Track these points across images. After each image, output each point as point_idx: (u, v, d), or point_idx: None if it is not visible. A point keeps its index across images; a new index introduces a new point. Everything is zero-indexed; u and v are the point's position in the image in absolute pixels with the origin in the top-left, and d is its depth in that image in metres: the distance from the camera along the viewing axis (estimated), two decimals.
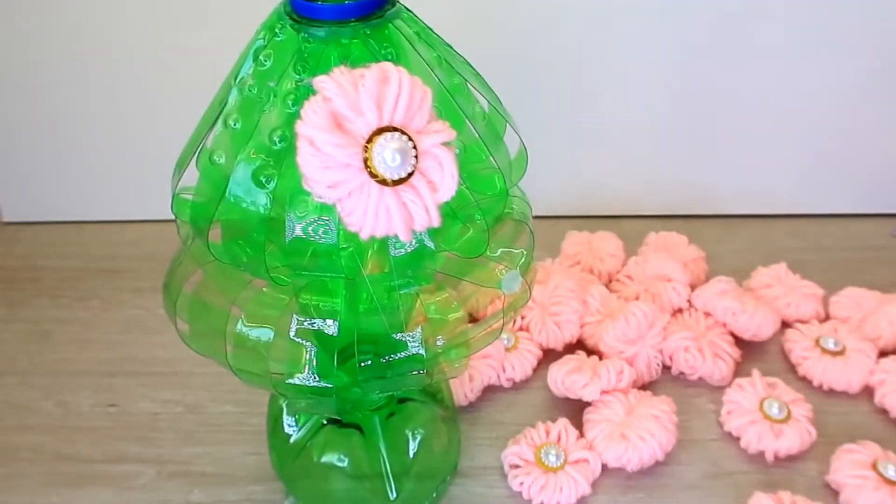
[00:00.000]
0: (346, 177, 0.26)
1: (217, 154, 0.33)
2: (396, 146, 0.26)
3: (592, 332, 0.56)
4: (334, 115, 0.26)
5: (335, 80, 0.26)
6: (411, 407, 0.45)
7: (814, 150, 0.66)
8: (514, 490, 0.47)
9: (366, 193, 0.26)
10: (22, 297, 0.62)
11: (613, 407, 0.50)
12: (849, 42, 0.61)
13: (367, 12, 0.31)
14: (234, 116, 0.33)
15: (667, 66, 0.62)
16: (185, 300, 0.36)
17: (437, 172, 0.27)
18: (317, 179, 0.26)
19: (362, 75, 0.26)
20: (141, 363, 0.56)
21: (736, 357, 0.55)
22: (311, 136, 0.26)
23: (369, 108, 0.26)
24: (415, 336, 0.35)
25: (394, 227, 0.27)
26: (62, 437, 0.51)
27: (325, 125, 0.26)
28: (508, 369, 0.54)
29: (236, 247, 0.34)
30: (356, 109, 0.26)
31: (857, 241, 0.66)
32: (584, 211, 0.67)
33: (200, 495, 0.48)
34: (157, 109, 0.64)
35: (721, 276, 0.58)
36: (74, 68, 0.62)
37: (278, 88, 0.31)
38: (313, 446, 0.44)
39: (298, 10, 0.31)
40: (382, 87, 0.26)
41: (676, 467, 0.49)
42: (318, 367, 0.35)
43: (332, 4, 0.30)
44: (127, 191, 0.68)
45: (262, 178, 0.31)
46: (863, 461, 0.47)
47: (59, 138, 0.66)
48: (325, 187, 0.26)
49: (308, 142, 0.26)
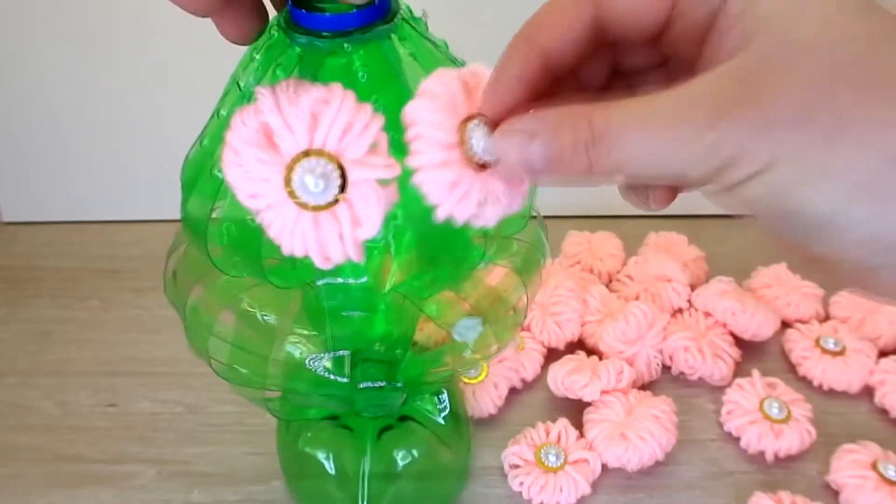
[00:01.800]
0: (264, 191, 0.25)
1: (217, 168, 0.33)
2: (319, 172, 0.25)
3: (592, 332, 0.56)
4: (265, 127, 0.25)
5: (274, 93, 0.25)
6: (409, 426, 0.44)
7: None
8: (514, 490, 0.47)
9: (283, 212, 0.25)
10: (22, 297, 0.62)
11: (613, 407, 0.50)
12: None
13: (366, 22, 0.30)
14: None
15: None
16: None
17: (364, 207, 0.25)
18: (238, 187, 0.26)
19: (306, 92, 0.25)
20: (141, 363, 0.56)
21: (736, 357, 0.55)
22: (237, 146, 0.25)
23: (300, 128, 0.25)
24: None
25: (309, 251, 0.26)
26: (62, 437, 0.51)
27: (252, 138, 0.25)
28: (521, 370, 0.54)
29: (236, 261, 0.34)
30: (287, 127, 0.25)
31: None
32: (584, 211, 0.67)
33: (200, 495, 0.48)
34: (158, 109, 0.64)
35: (721, 276, 0.58)
36: (75, 68, 0.62)
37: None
38: (307, 437, 0.44)
39: (298, 21, 0.31)
40: (322, 107, 0.25)
41: (676, 467, 0.49)
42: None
43: (333, 14, 0.30)
44: (127, 191, 0.68)
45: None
46: (863, 461, 0.47)
47: (59, 138, 0.66)
48: (246, 196, 0.26)
49: (233, 151, 0.26)
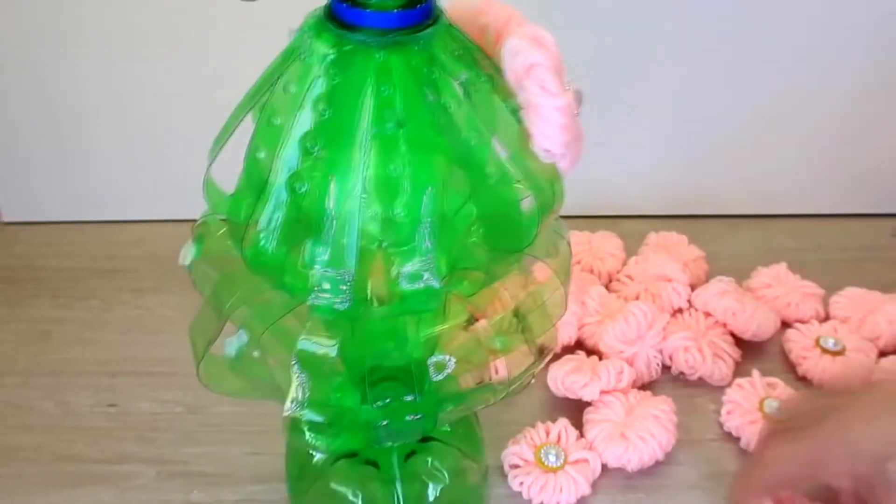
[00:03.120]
0: None
1: (259, 151, 0.33)
2: None
3: (592, 332, 0.56)
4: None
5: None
6: (434, 447, 0.44)
7: (814, 150, 0.66)
8: (514, 490, 0.47)
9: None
10: (22, 297, 0.62)
11: (613, 407, 0.50)
12: (848, 42, 0.61)
13: (410, 23, 0.30)
14: (277, 115, 0.32)
15: (667, 67, 0.62)
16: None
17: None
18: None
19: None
20: (141, 363, 0.56)
21: (736, 357, 0.55)
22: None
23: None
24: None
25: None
26: (62, 437, 0.51)
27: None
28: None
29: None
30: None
31: (857, 241, 0.66)
32: (584, 211, 0.67)
33: (200, 495, 0.48)
34: (158, 110, 0.64)
35: (721, 276, 0.58)
36: (74, 68, 0.62)
37: (309, 93, 0.31)
38: (331, 474, 0.43)
39: (340, 15, 0.31)
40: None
41: (676, 467, 0.49)
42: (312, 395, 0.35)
43: (374, 11, 0.30)
44: (127, 191, 0.68)
45: (296, 184, 0.31)
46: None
47: (59, 138, 0.66)
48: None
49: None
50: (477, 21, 0.34)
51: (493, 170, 0.33)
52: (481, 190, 0.33)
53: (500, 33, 0.33)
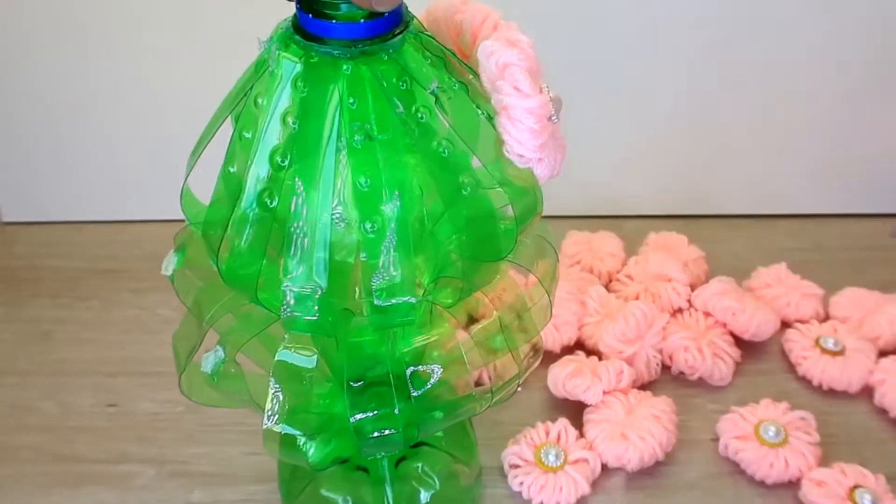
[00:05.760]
0: None
1: (231, 164, 0.32)
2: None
3: (592, 332, 0.55)
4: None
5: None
6: (425, 452, 0.43)
7: (813, 150, 0.66)
8: (513, 490, 0.47)
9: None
10: (22, 297, 0.62)
11: (613, 407, 0.50)
12: (848, 42, 0.61)
13: (377, 32, 0.30)
14: (247, 128, 0.32)
15: (667, 68, 0.62)
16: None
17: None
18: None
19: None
20: (141, 363, 0.56)
21: (736, 357, 0.55)
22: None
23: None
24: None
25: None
26: (62, 437, 0.51)
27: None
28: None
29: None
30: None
31: (857, 241, 0.66)
32: (584, 211, 0.67)
33: (200, 495, 0.48)
34: (158, 110, 0.64)
35: (721, 276, 0.58)
36: (75, 68, 0.62)
37: (277, 106, 0.31)
38: (322, 478, 0.43)
39: (306, 27, 0.30)
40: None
41: (676, 467, 0.49)
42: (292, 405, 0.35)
43: (340, 23, 0.29)
44: (127, 191, 0.68)
45: (267, 199, 0.31)
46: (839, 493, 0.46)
47: (59, 138, 0.66)
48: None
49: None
50: (453, 19, 0.33)
51: (468, 179, 0.32)
52: (458, 199, 0.32)
53: (476, 33, 0.32)
